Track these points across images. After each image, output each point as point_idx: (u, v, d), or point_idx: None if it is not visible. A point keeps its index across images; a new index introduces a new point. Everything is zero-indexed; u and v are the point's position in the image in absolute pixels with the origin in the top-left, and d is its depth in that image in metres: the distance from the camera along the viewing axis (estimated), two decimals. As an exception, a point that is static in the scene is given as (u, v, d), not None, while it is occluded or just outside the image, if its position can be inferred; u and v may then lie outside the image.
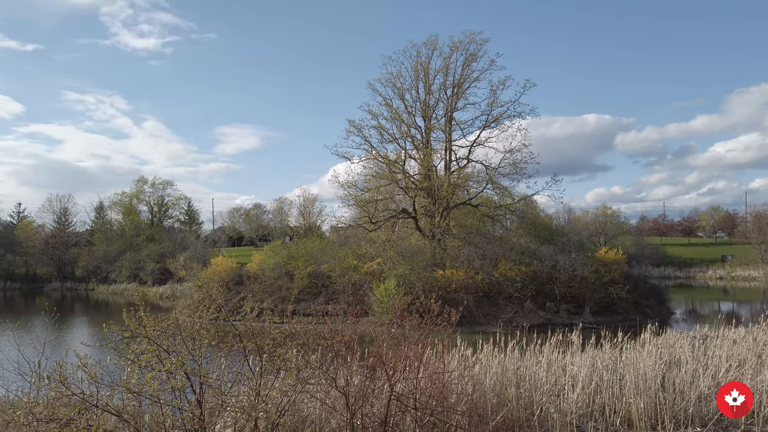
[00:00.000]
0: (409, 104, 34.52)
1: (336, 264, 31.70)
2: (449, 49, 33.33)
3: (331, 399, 6.76)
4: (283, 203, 72.60)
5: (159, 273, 52.68)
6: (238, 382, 5.82)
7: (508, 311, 27.76)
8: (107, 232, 66.72)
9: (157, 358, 5.10)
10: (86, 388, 5.32)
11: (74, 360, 5.93)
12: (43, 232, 68.33)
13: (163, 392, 5.16)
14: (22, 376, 5.86)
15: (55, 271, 63.77)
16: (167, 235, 62.70)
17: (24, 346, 6.87)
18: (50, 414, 4.78)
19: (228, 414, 5.81)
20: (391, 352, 6.68)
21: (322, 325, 7.75)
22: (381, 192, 34.87)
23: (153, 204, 69.94)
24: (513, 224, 36.08)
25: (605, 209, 67.52)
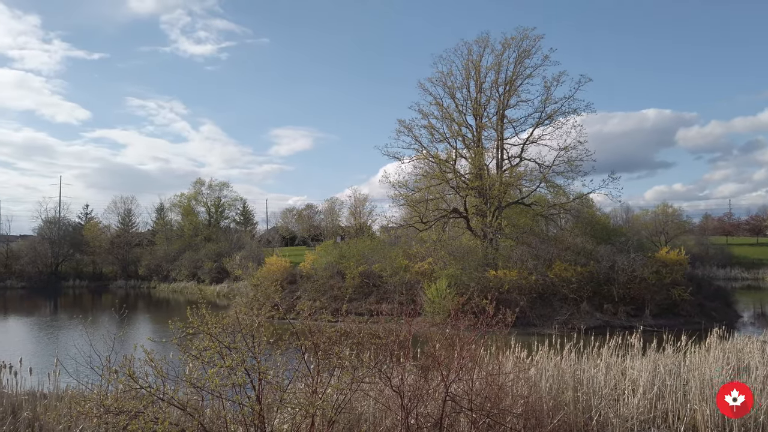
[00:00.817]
0: (460, 103, 34.23)
1: (387, 264, 31.82)
2: (501, 46, 32.84)
3: (384, 398, 6.79)
4: (334, 203, 73.53)
5: (216, 272, 54.25)
6: (296, 380, 5.93)
7: (563, 313, 27.10)
8: (167, 233, 69.31)
9: (218, 354, 5.26)
10: (152, 382, 5.57)
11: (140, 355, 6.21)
12: (108, 232, 71.61)
13: (224, 387, 5.32)
14: (93, 369, 6.18)
15: (119, 269, 66.73)
16: (224, 235, 64.52)
17: (95, 341, 7.24)
18: (120, 406, 5.01)
19: (285, 410, 5.92)
20: (446, 353, 6.65)
21: (374, 324, 7.80)
22: (431, 192, 34.72)
23: (210, 205, 72.18)
24: (568, 224, 35.17)
25: (666, 207, 64.70)
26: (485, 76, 33.43)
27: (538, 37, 32.30)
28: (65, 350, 15.49)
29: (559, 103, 32.12)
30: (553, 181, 32.89)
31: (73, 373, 8.32)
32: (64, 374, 10.83)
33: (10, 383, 10.81)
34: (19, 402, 9.86)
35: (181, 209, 70.77)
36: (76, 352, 6.41)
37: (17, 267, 64.07)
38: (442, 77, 34.08)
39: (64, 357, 10.84)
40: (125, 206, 73.70)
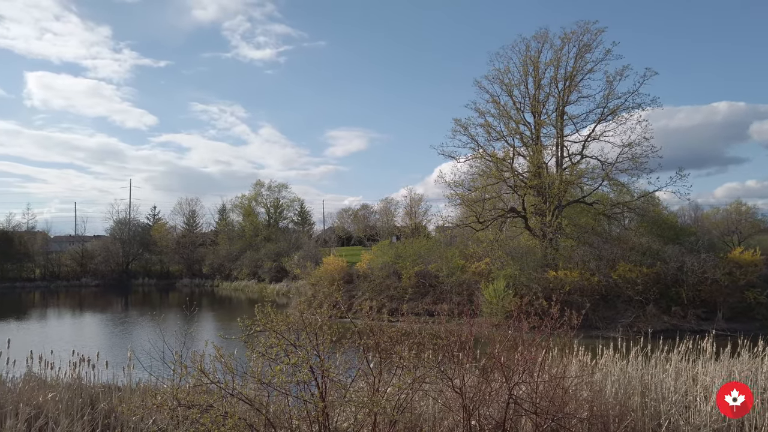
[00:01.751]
0: (518, 100, 33.61)
1: (443, 264, 31.65)
2: (561, 41, 31.99)
3: (444, 398, 6.76)
4: (390, 203, 73.77)
5: (276, 271, 55.51)
6: (358, 378, 6.00)
7: (627, 315, 26.12)
8: (229, 233, 71.59)
9: (283, 352, 5.40)
10: (221, 377, 5.77)
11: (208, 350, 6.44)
12: (174, 232, 74.74)
13: (290, 384, 5.45)
14: (166, 364, 6.47)
15: (185, 268, 69.45)
16: (282, 235, 65.97)
17: (165, 337, 7.58)
18: (192, 400, 5.23)
19: (348, 408, 6.00)
20: (508, 354, 6.55)
21: (431, 324, 7.78)
22: (488, 191, 34.26)
23: (269, 206, 74.03)
24: (632, 223, 33.86)
25: (739, 205, 60.96)
26: (544, 72, 32.69)
27: (600, 31, 31.29)
28: (137, 345, 16.29)
29: (623, 98, 31.01)
30: (616, 178, 31.78)
31: (146, 367, 8.77)
32: (137, 368, 11.41)
33: (89, 376, 11.44)
34: (96, 394, 10.43)
35: (242, 210, 73.04)
36: (150, 348, 6.75)
37: (92, 266, 67.91)
38: (499, 75, 33.60)
39: (137, 352, 11.40)
40: (190, 208, 76.83)
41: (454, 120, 34.24)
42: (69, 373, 11.46)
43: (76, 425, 8.39)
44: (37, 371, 11.64)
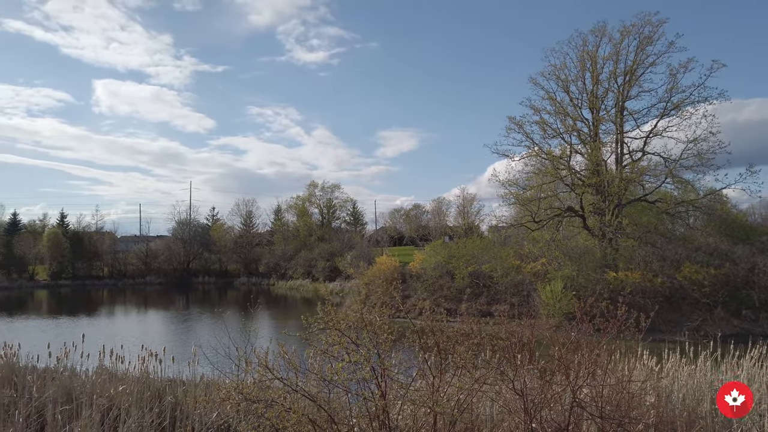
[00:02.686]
0: (575, 96, 32.70)
1: (497, 264, 31.22)
2: (620, 34, 30.88)
3: (503, 400, 6.67)
4: (441, 203, 73.40)
5: (329, 270, 56.24)
6: (418, 377, 6.00)
7: (693, 318, 24.97)
8: (284, 233, 73.13)
9: (344, 349, 5.46)
10: (284, 373, 5.90)
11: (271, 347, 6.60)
12: (232, 232, 77.02)
13: (351, 382, 5.52)
14: (230, 359, 6.69)
15: (242, 267, 71.41)
16: (335, 235, 66.81)
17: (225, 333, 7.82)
18: (257, 395, 5.37)
19: (407, 407, 6.01)
20: (569, 357, 6.39)
21: (490, 325, 7.68)
22: (544, 190, 33.52)
23: (323, 206, 75.17)
24: (697, 222, 32.32)
25: (816, 203, 57.27)
26: (602, 66, 31.67)
27: (662, 22, 30.01)
28: (199, 341, 16.87)
29: (687, 91, 29.60)
30: (680, 176, 30.37)
31: (211, 362, 9.07)
32: (200, 363, 11.82)
33: (156, 370, 11.94)
34: (163, 387, 10.86)
35: (296, 210, 74.50)
36: (214, 343, 6.99)
37: (155, 265, 70.92)
38: (554, 71, 32.80)
39: (199, 348, 11.81)
40: (246, 208, 79.04)
41: (509, 118, 33.69)
42: (138, 367, 12.00)
43: (146, 417, 8.76)
44: (108, 365, 12.25)
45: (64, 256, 67.25)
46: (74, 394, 10.11)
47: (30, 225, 75.90)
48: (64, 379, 10.81)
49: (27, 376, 11.03)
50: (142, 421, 8.60)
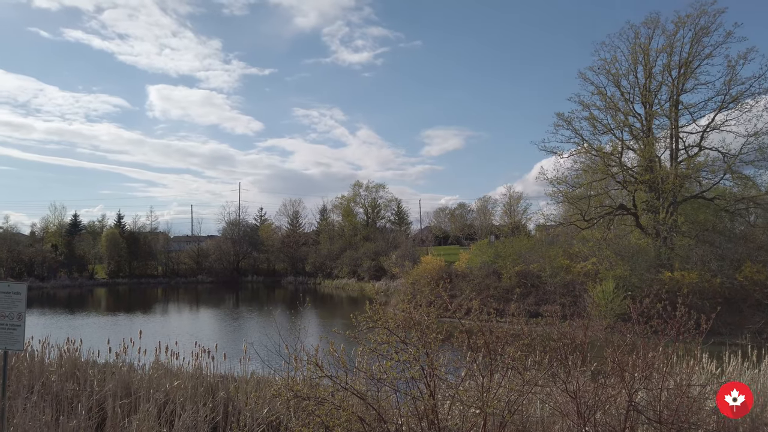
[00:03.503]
0: (626, 91, 31.68)
1: (546, 264, 30.60)
2: (674, 25, 29.72)
3: (555, 402, 6.52)
4: (487, 202, 72.59)
5: (374, 270, 56.50)
6: (467, 378, 5.94)
7: (756, 321, 23.78)
8: (330, 232, 73.96)
9: (393, 348, 5.47)
10: (333, 371, 5.96)
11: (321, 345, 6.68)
12: (279, 232, 78.48)
13: (399, 381, 5.52)
14: (280, 356, 6.81)
15: (289, 266, 72.63)
16: (380, 235, 67.07)
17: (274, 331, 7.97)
18: (308, 392, 5.44)
19: (456, 407, 5.96)
20: (624, 359, 6.19)
21: (540, 326, 7.53)
22: (594, 187, 32.62)
23: (367, 206, 75.63)
24: (759, 219, 30.76)
25: None
26: (655, 59, 30.57)
27: (719, 12, 28.69)
28: (249, 338, 17.23)
29: (747, 83, 28.20)
30: (740, 171, 28.97)
31: (259, 359, 9.27)
32: (250, 360, 12.08)
33: (209, 366, 12.28)
34: (215, 383, 11.15)
35: (342, 210, 75.24)
36: (265, 340, 7.14)
37: (206, 264, 73.01)
38: (605, 65, 31.86)
39: (249, 345, 12.08)
40: (293, 209, 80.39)
41: (557, 114, 33.00)
42: (191, 363, 12.37)
43: (200, 412, 9.01)
44: (163, 360, 12.68)
45: (121, 255, 70.08)
46: (132, 388, 10.51)
47: (90, 226, 79.42)
48: (122, 374, 11.25)
49: (88, 371, 11.54)
50: (196, 416, 8.85)
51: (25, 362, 12.03)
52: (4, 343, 7.42)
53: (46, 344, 13.67)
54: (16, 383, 10.22)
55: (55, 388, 10.42)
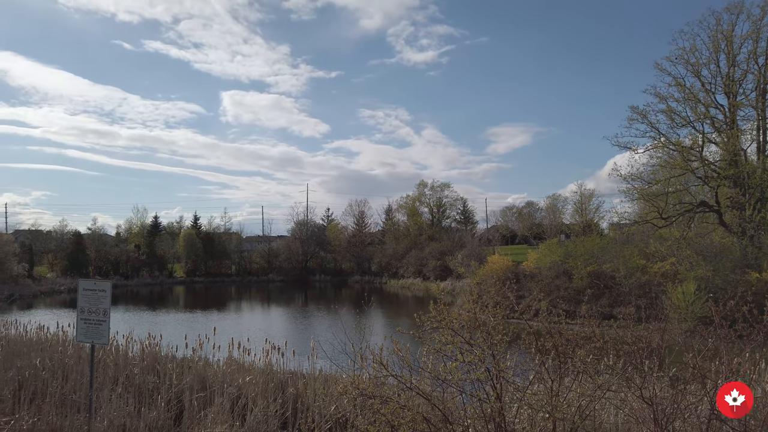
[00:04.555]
0: (707, 81, 29.87)
1: (620, 264, 29.33)
2: (760, 10, 27.77)
3: (629, 408, 6.24)
4: (557, 200, 70.50)
5: (440, 269, 56.22)
6: (535, 381, 5.79)
7: None
8: (395, 232, 74.31)
9: (458, 349, 5.41)
10: (398, 370, 5.98)
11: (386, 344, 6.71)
12: (346, 232, 79.70)
13: (465, 382, 5.46)
14: (346, 354, 6.90)
15: (355, 266, 73.62)
16: (446, 234, 66.68)
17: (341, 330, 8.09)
18: (373, 391, 5.48)
19: (524, 410, 5.83)
20: (705, 365, 5.83)
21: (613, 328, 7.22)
22: (672, 183, 30.96)
23: (432, 205, 75.43)
24: None
25: None
26: (740, 47, 28.64)
27: (811, -8, 26.56)
28: (317, 336, 17.60)
29: None
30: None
31: (326, 357, 9.45)
32: (318, 357, 12.33)
33: (278, 362, 12.64)
34: (285, 379, 11.46)
35: (407, 210, 75.41)
36: (333, 339, 7.27)
37: (276, 263, 75.32)
38: (683, 54, 30.19)
39: (317, 342, 12.34)
40: (359, 209, 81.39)
41: (631, 107, 31.53)
42: (262, 359, 12.79)
43: (270, 407, 9.29)
44: (236, 356, 13.17)
45: (198, 255, 73.50)
46: (207, 382, 10.98)
47: (168, 227, 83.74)
48: (198, 369, 11.77)
49: (168, 365, 12.16)
50: (267, 411, 9.13)
51: (110, 356, 12.84)
52: (92, 337, 7.93)
53: (129, 339, 14.55)
54: (103, 375, 10.93)
55: (138, 381, 11.05)
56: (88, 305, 7.89)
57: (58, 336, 15.89)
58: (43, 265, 68.15)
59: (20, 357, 12.31)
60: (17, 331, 17.31)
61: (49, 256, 70.23)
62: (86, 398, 8.94)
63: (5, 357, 12.38)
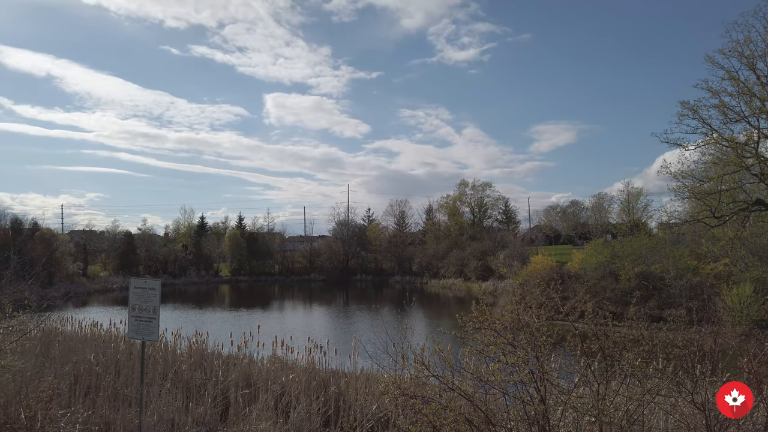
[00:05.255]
0: (763, 74, 28.46)
1: (670, 264, 28.42)
2: (820, -3, 26.31)
3: (680, 414, 6.03)
4: (603, 199, 68.59)
5: (481, 270, 55.69)
6: (581, 383, 5.67)
7: None
8: (436, 232, 74.00)
9: (501, 350, 5.35)
10: (439, 371, 5.96)
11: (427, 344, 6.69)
12: (386, 232, 79.91)
13: (507, 384, 5.39)
14: (387, 354, 6.92)
15: (396, 266, 73.68)
16: (487, 234, 65.98)
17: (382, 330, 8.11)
18: (414, 391, 5.48)
19: (569, 414, 5.71)
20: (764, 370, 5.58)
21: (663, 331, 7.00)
22: (726, 181, 29.64)
23: (474, 205, 74.76)
24: None
25: None
26: (798, 37, 27.22)
27: None
28: (358, 335, 17.73)
29: None
30: None
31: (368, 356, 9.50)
32: (359, 356, 12.41)
33: (320, 361, 12.80)
34: (327, 378, 11.59)
35: (447, 210, 75.01)
36: (374, 338, 7.32)
37: (318, 263, 76.26)
38: (737, 46, 28.77)
39: (359, 342, 12.42)
40: (399, 209, 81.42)
41: (681, 103, 30.24)
42: (305, 357, 12.98)
43: (313, 405, 9.41)
44: (279, 354, 13.41)
45: (242, 254, 75.18)
46: (252, 379, 11.22)
47: (214, 227, 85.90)
48: (243, 366, 12.04)
49: (214, 362, 12.49)
50: (309, 408, 9.25)
51: (159, 352, 13.28)
52: (142, 334, 8.21)
53: (177, 336, 15.03)
54: (152, 371, 11.30)
55: (185, 377, 11.39)
56: (139, 303, 8.17)
57: (111, 332, 16.56)
58: (96, 264, 71.09)
59: (76, 352, 12.88)
60: (73, 327, 18.12)
61: (102, 255, 73.25)
62: (137, 393, 9.26)
63: (62, 352, 12.98)
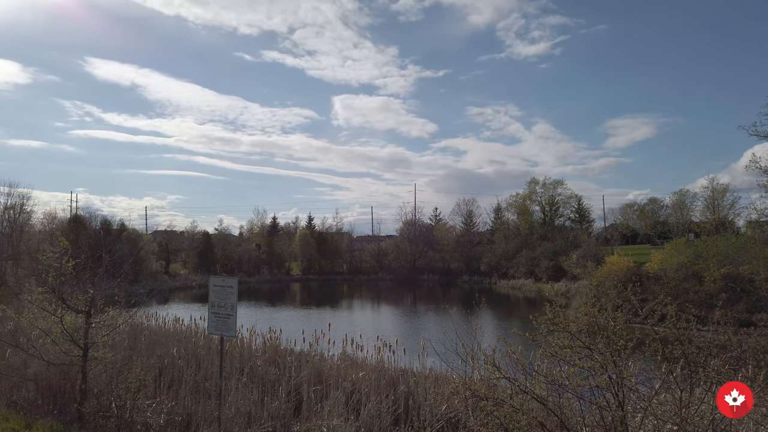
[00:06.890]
0: None
1: (761, 265, 26.49)
2: None
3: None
4: (684, 196, 64.82)
5: (553, 270, 54.13)
6: (662, 390, 5.41)
7: None
8: (505, 232, 72.60)
9: (576, 354, 5.20)
10: (510, 372, 5.86)
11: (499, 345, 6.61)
12: (454, 232, 79.33)
13: (583, 388, 5.23)
14: (458, 355, 6.89)
15: (464, 265, 72.91)
16: (559, 234, 64.06)
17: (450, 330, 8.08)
18: (485, 392, 5.43)
19: (649, 421, 5.47)
20: None
21: (754, 336, 6.56)
22: (824, 175, 27.40)
23: (544, 204, 72.73)
24: None
25: None
26: None
27: None
28: (426, 335, 17.72)
29: None
30: None
31: (437, 356, 9.50)
32: (428, 356, 12.42)
33: (390, 360, 12.91)
34: (396, 376, 11.68)
35: (517, 209, 73.39)
36: (443, 338, 7.32)
37: (385, 262, 76.95)
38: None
39: (427, 342, 12.42)
40: (467, 208, 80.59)
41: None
42: (374, 356, 13.14)
43: (383, 403, 9.52)
44: (349, 352, 13.64)
45: (312, 254, 77.10)
46: (323, 376, 11.49)
47: (285, 227, 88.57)
48: (315, 363, 12.34)
49: (287, 358, 12.88)
50: (380, 406, 9.36)
51: (236, 348, 13.85)
52: (221, 330, 8.60)
53: (252, 333, 15.62)
54: (230, 366, 11.80)
55: (260, 372, 11.81)
56: (217, 300, 8.56)
57: (191, 328, 17.44)
58: (176, 262, 75.04)
59: (160, 346, 13.66)
60: (157, 322, 19.23)
61: (182, 254, 77.29)
62: (216, 386, 9.71)
63: (147, 346, 13.80)
